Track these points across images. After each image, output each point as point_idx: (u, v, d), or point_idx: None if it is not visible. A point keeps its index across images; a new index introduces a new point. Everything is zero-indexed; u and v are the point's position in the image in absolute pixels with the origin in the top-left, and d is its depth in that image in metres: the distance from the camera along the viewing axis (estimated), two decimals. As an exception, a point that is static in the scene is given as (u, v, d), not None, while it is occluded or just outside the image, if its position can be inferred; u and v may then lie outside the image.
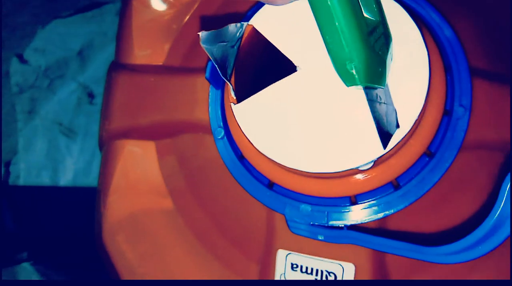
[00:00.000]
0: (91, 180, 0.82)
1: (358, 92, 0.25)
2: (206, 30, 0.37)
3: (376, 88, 0.24)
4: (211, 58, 0.25)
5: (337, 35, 0.20)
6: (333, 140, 0.26)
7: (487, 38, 0.32)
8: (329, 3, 0.19)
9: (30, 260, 0.72)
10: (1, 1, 0.87)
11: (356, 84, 0.22)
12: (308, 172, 0.26)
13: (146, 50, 0.39)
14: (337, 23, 0.20)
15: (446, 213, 0.30)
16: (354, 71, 0.21)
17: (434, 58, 0.27)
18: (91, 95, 0.85)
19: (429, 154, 0.29)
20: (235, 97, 0.27)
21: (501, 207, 0.23)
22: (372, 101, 0.25)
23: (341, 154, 0.25)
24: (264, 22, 0.27)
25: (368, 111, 0.25)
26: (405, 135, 0.25)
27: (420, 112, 0.25)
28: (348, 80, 0.21)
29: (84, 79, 0.86)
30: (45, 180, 0.82)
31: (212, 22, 0.38)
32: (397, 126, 0.25)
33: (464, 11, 0.32)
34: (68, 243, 0.73)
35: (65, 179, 0.82)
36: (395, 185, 0.29)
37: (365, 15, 0.23)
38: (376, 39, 0.23)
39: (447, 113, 0.29)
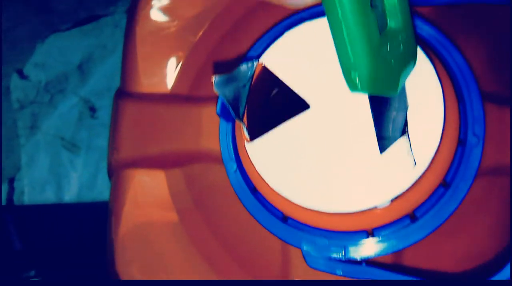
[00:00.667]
0: (95, 194, 0.82)
1: (372, 130, 0.25)
2: (212, 58, 0.37)
3: (386, 97, 0.24)
4: (224, 101, 0.25)
5: (344, 44, 0.20)
6: (348, 179, 0.25)
7: (497, 61, 0.32)
8: (339, 15, 0.19)
9: (38, 277, 0.72)
10: (1, 17, 0.86)
11: (359, 92, 0.22)
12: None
13: (152, 79, 0.39)
14: (345, 33, 0.19)
15: (463, 241, 0.30)
16: (357, 80, 0.21)
17: (447, 89, 0.27)
18: (92, 109, 0.85)
19: (444, 184, 0.28)
20: (248, 136, 0.27)
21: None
22: (387, 138, 0.25)
23: (358, 193, 0.25)
24: (275, 59, 0.27)
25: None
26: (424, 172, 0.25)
27: (437, 148, 0.25)
28: (352, 87, 0.21)
29: (85, 93, 0.85)
30: (49, 195, 0.82)
31: (219, 48, 0.37)
32: (414, 163, 0.25)
33: (472, 34, 0.32)
34: (75, 258, 0.73)
35: (70, 193, 0.82)
36: (412, 216, 0.28)
37: (387, 21, 0.23)
38: (393, 47, 0.23)
39: (461, 142, 0.29)
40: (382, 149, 0.25)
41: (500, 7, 0.32)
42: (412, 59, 0.25)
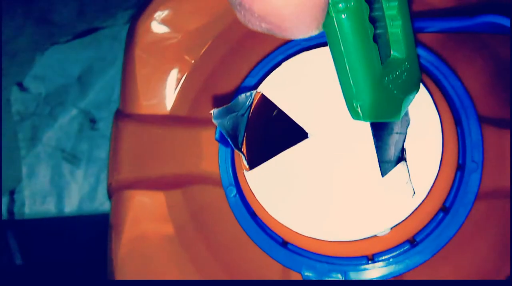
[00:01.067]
0: (96, 205, 0.82)
1: (371, 159, 0.25)
2: (211, 80, 0.37)
3: (388, 123, 0.24)
4: (223, 132, 0.25)
5: (346, 75, 0.20)
6: (347, 208, 0.25)
7: (494, 85, 0.32)
8: (341, 47, 0.19)
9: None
10: (1, 29, 0.86)
11: (361, 120, 0.22)
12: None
13: (151, 100, 0.39)
14: (346, 64, 0.20)
15: (462, 265, 0.30)
16: (359, 109, 0.21)
17: (445, 115, 0.27)
18: (92, 121, 0.85)
19: (444, 209, 0.29)
20: (247, 165, 0.27)
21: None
22: (387, 167, 0.25)
23: (357, 222, 0.25)
24: (273, 88, 0.27)
25: (382, 178, 0.25)
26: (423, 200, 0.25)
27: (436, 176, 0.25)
28: (354, 115, 0.21)
29: (85, 105, 0.86)
30: (50, 207, 0.82)
31: (218, 71, 0.37)
32: (414, 191, 0.25)
33: (468, 59, 0.32)
34: (76, 270, 0.73)
35: (70, 205, 0.82)
36: (412, 241, 0.29)
37: (391, 52, 0.23)
38: (396, 76, 0.23)
39: (459, 167, 0.29)
40: (382, 176, 0.25)
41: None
42: (415, 86, 0.25)
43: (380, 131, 0.25)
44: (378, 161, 0.25)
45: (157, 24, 0.39)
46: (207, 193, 0.36)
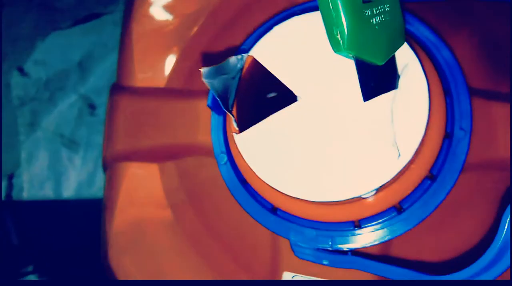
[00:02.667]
0: (94, 191, 0.82)
1: (358, 121, 0.26)
2: (206, 53, 0.38)
3: (370, 63, 0.24)
4: (213, 92, 0.25)
5: (327, 2, 0.21)
6: (334, 169, 0.26)
7: (485, 56, 0.32)
8: None
9: (36, 273, 0.72)
10: (1, 14, 0.87)
11: (342, 51, 0.22)
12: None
13: (147, 73, 0.39)
14: None
15: (448, 235, 0.30)
16: (339, 37, 0.21)
17: (433, 83, 0.28)
18: (92, 107, 0.85)
19: (431, 176, 0.29)
20: (237, 128, 0.27)
21: (501, 239, 0.23)
22: (373, 130, 0.25)
23: (343, 183, 0.25)
24: (264, 52, 0.28)
25: (369, 140, 0.26)
26: (408, 162, 0.26)
27: (422, 139, 0.26)
28: (334, 45, 0.22)
29: (85, 91, 0.86)
30: (48, 191, 0.82)
31: (213, 44, 0.38)
32: (399, 154, 0.25)
33: (460, 30, 0.32)
34: (73, 254, 0.73)
35: (68, 190, 0.82)
36: (398, 208, 0.29)
37: None
38: (376, 13, 0.23)
39: (447, 136, 0.29)
40: (368, 139, 0.25)
41: (489, 3, 0.32)
42: (399, 34, 0.25)
43: (365, 78, 0.25)
44: (366, 122, 0.26)
45: (155, 0, 0.39)
46: (200, 163, 0.36)
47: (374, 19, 0.23)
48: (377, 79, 0.25)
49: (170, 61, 0.39)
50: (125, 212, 0.38)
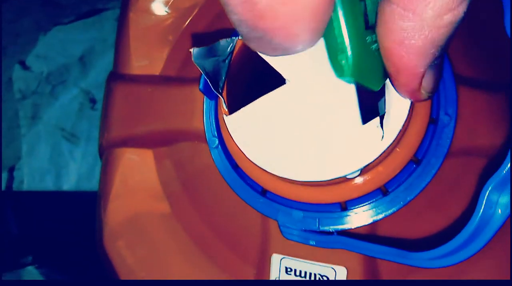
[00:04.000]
0: (94, 184, 0.83)
1: (345, 104, 0.27)
2: (201, 42, 0.38)
3: (367, 89, 0.25)
4: (203, 73, 0.26)
5: (331, 25, 0.21)
6: (321, 150, 0.26)
7: (472, 45, 0.33)
8: None
9: (35, 264, 0.73)
10: (1, 8, 0.88)
11: (344, 76, 0.22)
12: (298, 181, 0.27)
13: (143, 61, 0.40)
14: (333, 16, 0.20)
15: (433, 217, 0.31)
16: (343, 63, 0.22)
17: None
18: (92, 101, 0.86)
19: (416, 161, 0.30)
20: (226, 109, 0.28)
21: (480, 213, 0.24)
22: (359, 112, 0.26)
23: (329, 163, 0.26)
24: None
25: (354, 122, 0.26)
26: (392, 143, 0.26)
27: (405, 122, 0.26)
28: (338, 71, 0.22)
29: (86, 85, 0.87)
30: (48, 184, 0.83)
31: (208, 33, 0.39)
32: (382, 136, 0.26)
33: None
34: (72, 246, 0.74)
35: (68, 183, 0.83)
36: (383, 191, 0.30)
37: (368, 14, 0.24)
38: (375, 40, 0.24)
39: (433, 121, 0.30)
40: (354, 121, 0.26)
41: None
42: None
43: (366, 110, 0.26)
44: (352, 104, 0.26)
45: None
46: (194, 149, 0.37)
47: (373, 45, 0.23)
48: (373, 103, 0.26)
49: (165, 50, 0.40)
50: (119, 197, 0.39)
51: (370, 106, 0.26)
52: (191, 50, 0.25)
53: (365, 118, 0.26)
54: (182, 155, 0.37)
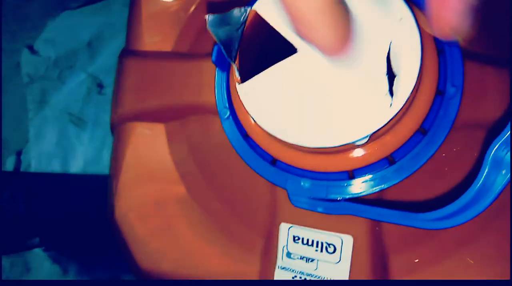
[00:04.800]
0: (101, 168, 0.84)
1: (355, 72, 0.27)
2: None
3: None
4: (217, 40, 0.27)
5: None
6: (331, 117, 0.27)
7: (479, 22, 0.34)
8: None
9: (42, 246, 0.74)
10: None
11: None
12: (308, 147, 0.28)
13: (155, 37, 0.41)
14: None
15: (438, 186, 0.31)
16: None
17: (427, 39, 0.29)
18: (100, 86, 0.87)
19: (423, 131, 0.30)
20: (239, 78, 0.29)
21: (484, 175, 0.25)
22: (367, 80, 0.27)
23: (338, 129, 0.27)
24: (266, 7, 0.29)
25: (363, 90, 0.27)
26: (399, 112, 0.27)
27: (412, 91, 0.27)
28: None
29: (93, 70, 0.87)
30: (55, 168, 0.84)
31: (218, 9, 0.39)
32: (391, 103, 0.27)
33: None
34: (79, 229, 0.75)
35: (76, 167, 0.84)
36: (390, 160, 0.30)
37: None
38: None
39: (440, 93, 0.30)
40: (363, 89, 0.27)
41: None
42: None
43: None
44: (361, 72, 0.27)
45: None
46: (204, 122, 0.38)
47: None
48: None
49: (176, 26, 0.41)
50: (131, 170, 0.40)
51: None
52: (206, 17, 0.26)
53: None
54: (193, 128, 0.38)
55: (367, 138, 0.27)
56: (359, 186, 0.31)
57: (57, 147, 0.86)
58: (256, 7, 0.29)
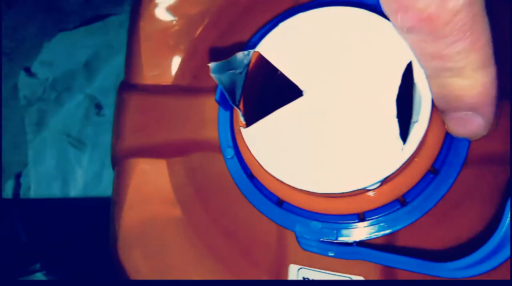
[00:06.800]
0: (101, 190, 0.83)
1: (364, 115, 0.26)
2: (213, 50, 0.38)
3: None
4: (220, 86, 0.26)
5: None
6: (340, 161, 0.26)
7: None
8: None
9: (43, 270, 0.73)
10: (1, 16, 0.88)
11: None
12: (317, 193, 0.27)
13: (155, 71, 0.40)
14: None
15: (452, 226, 0.31)
16: None
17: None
18: (98, 106, 0.86)
19: (433, 170, 0.30)
20: (244, 122, 0.28)
21: (504, 228, 0.24)
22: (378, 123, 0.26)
23: (349, 175, 0.26)
24: (270, 48, 0.28)
25: (373, 133, 0.26)
26: (412, 154, 0.26)
27: (425, 133, 0.26)
28: None
29: (91, 91, 0.87)
30: (55, 190, 0.83)
31: (219, 41, 0.39)
32: (402, 147, 0.26)
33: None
34: (80, 252, 0.74)
35: (75, 189, 0.83)
36: (401, 201, 0.30)
37: None
38: None
39: (450, 130, 0.30)
40: (372, 132, 0.26)
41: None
42: None
43: None
44: (371, 115, 0.26)
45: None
46: (208, 159, 0.37)
47: None
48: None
49: (177, 59, 0.40)
50: (134, 207, 0.39)
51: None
52: (209, 65, 0.25)
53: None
54: (196, 165, 0.37)
55: (379, 184, 0.26)
56: (370, 228, 0.30)
57: (57, 169, 0.85)
58: (259, 48, 0.28)
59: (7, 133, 0.86)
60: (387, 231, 0.29)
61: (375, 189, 0.28)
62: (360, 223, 0.30)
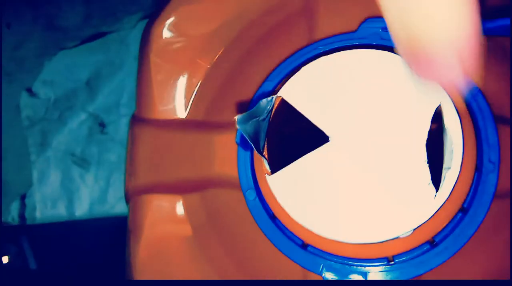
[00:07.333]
0: (106, 209, 0.83)
1: (392, 161, 0.26)
2: (225, 83, 0.38)
3: None
4: (246, 137, 0.26)
5: None
6: (370, 210, 0.26)
7: (508, 85, 0.32)
8: None
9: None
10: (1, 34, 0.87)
11: None
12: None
13: (167, 105, 0.39)
14: None
15: (483, 263, 0.30)
16: None
17: (464, 119, 0.28)
18: (101, 124, 0.86)
19: (462, 210, 0.29)
20: (269, 169, 0.27)
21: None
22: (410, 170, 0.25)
23: (380, 223, 0.26)
24: (293, 93, 0.28)
25: (403, 180, 0.26)
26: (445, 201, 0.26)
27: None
28: None
29: (94, 109, 0.86)
30: (61, 210, 0.83)
31: (233, 74, 0.38)
32: (435, 194, 0.25)
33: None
34: (89, 273, 0.74)
35: (81, 208, 0.83)
36: (431, 242, 0.29)
37: None
38: None
39: (477, 169, 0.29)
40: (403, 179, 0.25)
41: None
42: None
43: None
44: (399, 161, 0.26)
45: (171, 30, 0.39)
46: (225, 196, 0.36)
47: None
48: None
49: (190, 93, 0.39)
50: (150, 244, 0.38)
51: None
52: (235, 118, 0.25)
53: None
54: (213, 202, 0.36)
55: (411, 232, 0.26)
56: (400, 271, 0.29)
57: (62, 189, 0.84)
58: (283, 93, 0.28)
59: (11, 154, 0.85)
60: (417, 273, 0.29)
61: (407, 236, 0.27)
62: (389, 266, 0.29)
